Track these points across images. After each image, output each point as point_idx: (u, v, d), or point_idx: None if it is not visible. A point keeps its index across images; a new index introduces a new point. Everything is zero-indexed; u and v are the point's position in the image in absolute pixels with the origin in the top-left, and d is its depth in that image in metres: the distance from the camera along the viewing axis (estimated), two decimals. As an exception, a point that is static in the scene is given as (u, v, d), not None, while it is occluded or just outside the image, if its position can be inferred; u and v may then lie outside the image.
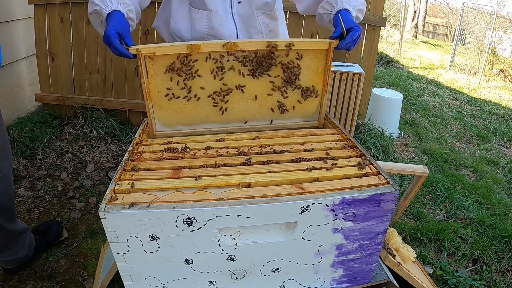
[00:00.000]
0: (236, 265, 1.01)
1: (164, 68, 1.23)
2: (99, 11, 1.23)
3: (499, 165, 3.35)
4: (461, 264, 2.04)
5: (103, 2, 1.22)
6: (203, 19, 1.49)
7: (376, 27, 3.10)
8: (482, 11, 7.97)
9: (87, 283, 1.72)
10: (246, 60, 1.26)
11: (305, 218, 0.95)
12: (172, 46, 1.21)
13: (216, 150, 1.17)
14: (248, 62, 1.27)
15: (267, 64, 1.28)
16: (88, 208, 2.26)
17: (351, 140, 1.23)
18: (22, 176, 2.47)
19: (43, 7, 2.99)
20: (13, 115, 3.03)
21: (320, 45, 1.28)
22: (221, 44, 1.22)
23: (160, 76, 1.24)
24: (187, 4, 1.50)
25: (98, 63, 3.15)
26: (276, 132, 1.33)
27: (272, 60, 1.27)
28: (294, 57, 1.28)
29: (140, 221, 0.89)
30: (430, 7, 13.72)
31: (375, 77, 5.52)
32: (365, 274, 1.13)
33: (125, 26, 1.21)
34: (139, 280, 1.00)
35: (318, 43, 1.27)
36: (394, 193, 0.97)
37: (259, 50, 1.25)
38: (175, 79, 1.25)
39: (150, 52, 1.18)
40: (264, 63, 1.28)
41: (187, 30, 1.53)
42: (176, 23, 1.54)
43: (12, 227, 1.62)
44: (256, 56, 1.26)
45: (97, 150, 2.89)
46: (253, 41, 1.26)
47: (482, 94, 6.06)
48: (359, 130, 3.32)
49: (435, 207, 2.57)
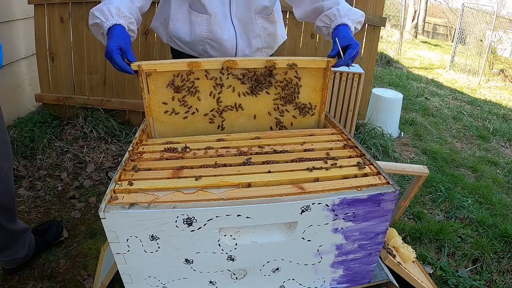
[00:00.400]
0: (236, 265, 1.01)
1: (165, 84, 1.25)
2: (100, 24, 1.22)
3: (499, 165, 3.35)
4: (461, 264, 2.04)
5: (103, 15, 1.21)
6: (202, 23, 1.49)
7: (376, 27, 3.11)
8: (482, 11, 7.97)
9: (87, 283, 1.72)
10: (245, 78, 1.28)
11: (305, 218, 0.95)
12: (173, 63, 1.23)
13: (216, 150, 1.17)
14: (247, 80, 1.29)
15: (266, 82, 1.30)
16: (88, 208, 2.26)
17: (351, 140, 1.23)
18: (22, 176, 2.47)
19: (43, 7, 2.99)
20: (13, 115, 3.03)
21: (318, 63, 1.30)
22: (221, 62, 1.24)
23: (161, 92, 1.26)
24: (186, 7, 1.49)
25: (98, 63, 3.15)
26: (276, 132, 1.33)
27: (271, 78, 1.29)
28: (293, 75, 1.30)
29: (140, 221, 0.89)
30: (430, 7, 13.72)
31: (375, 77, 5.52)
32: (365, 274, 1.13)
33: (126, 41, 1.21)
34: (139, 280, 1.00)
35: (316, 62, 1.30)
36: (394, 193, 0.97)
37: (258, 68, 1.27)
38: (175, 96, 1.27)
39: (151, 68, 1.21)
40: (263, 81, 1.30)
41: (187, 32, 1.53)
42: (175, 25, 1.54)
43: (12, 227, 1.62)
44: (255, 74, 1.28)
45: (97, 150, 2.89)
46: (253, 59, 1.27)
47: (482, 94, 6.06)
48: (359, 130, 3.32)
49: (435, 207, 2.57)
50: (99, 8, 1.22)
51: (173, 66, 1.22)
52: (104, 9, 1.21)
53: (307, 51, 3.18)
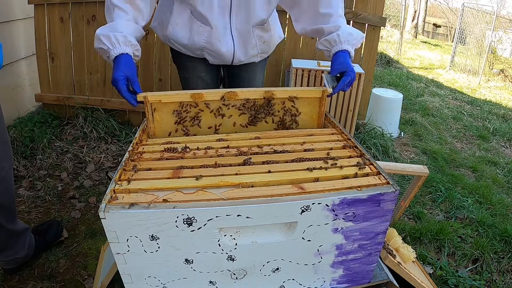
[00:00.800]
0: (236, 265, 1.01)
1: (169, 114, 1.31)
2: (106, 51, 1.24)
3: (499, 165, 3.35)
4: (461, 264, 2.04)
5: (110, 42, 1.23)
6: (203, 33, 1.51)
7: (376, 27, 3.11)
8: (482, 11, 7.97)
9: (87, 283, 1.72)
10: (245, 108, 1.34)
11: (305, 218, 0.95)
12: (177, 94, 1.29)
13: (216, 150, 1.17)
14: (247, 110, 1.34)
15: (265, 111, 1.35)
16: (88, 208, 2.26)
17: (351, 140, 1.23)
18: (22, 176, 2.47)
19: (43, 7, 2.99)
20: (13, 115, 3.03)
21: (314, 93, 1.36)
22: (222, 93, 1.30)
23: (165, 121, 1.32)
24: (188, 13, 1.49)
25: (98, 63, 3.15)
26: (276, 132, 1.33)
27: (270, 108, 1.35)
28: (290, 105, 1.36)
29: (140, 221, 0.89)
30: (430, 7, 13.72)
31: (375, 77, 5.52)
32: (365, 274, 1.13)
33: (133, 71, 1.24)
34: (139, 280, 1.00)
35: (312, 92, 1.36)
36: (394, 193, 0.97)
37: (257, 99, 1.34)
38: (179, 127, 1.34)
39: (156, 100, 1.27)
40: (262, 110, 1.35)
41: (185, 37, 1.55)
42: (174, 29, 1.55)
43: (12, 227, 1.62)
44: (255, 104, 1.34)
45: (97, 150, 2.90)
46: (252, 90, 1.33)
47: (482, 94, 6.06)
48: (359, 130, 3.32)
49: (435, 207, 2.57)
50: (105, 34, 1.23)
51: (178, 98, 1.29)
52: (111, 36, 1.22)
53: (307, 51, 3.18)
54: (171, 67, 3.14)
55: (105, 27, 1.26)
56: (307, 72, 2.83)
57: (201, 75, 1.70)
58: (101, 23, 3.01)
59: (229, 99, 1.31)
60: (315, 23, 1.44)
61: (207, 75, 1.71)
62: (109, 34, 1.22)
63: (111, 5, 1.27)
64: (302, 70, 2.82)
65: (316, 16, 1.42)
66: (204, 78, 1.71)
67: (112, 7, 1.27)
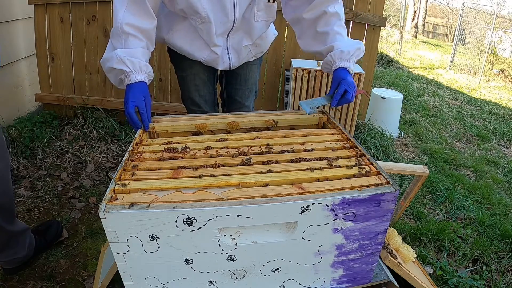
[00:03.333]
0: (236, 265, 1.01)
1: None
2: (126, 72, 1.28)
3: (499, 165, 3.35)
4: (461, 264, 2.04)
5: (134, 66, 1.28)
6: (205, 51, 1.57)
7: (376, 27, 3.10)
8: (482, 11, 7.97)
9: (87, 283, 1.72)
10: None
11: (305, 218, 0.95)
12: (182, 125, 1.37)
13: (216, 150, 1.17)
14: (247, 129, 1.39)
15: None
16: (88, 208, 2.26)
17: (351, 140, 1.23)
18: (22, 176, 2.47)
19: (43, 7, 2.99)
20: (13, 115, 3.03)
21: (311, 120, 1.45)
22: (225, 123, 1.37)
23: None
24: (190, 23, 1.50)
25: (98, 63, 3.14)
26: (276, 132, 1.33)
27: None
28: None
29: (140, 221, 0.89)
30: (430, 7, 13.72)
31: (375, 77, 5.52)
32: (365, 274, 1.13)
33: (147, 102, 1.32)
34: (139, 280, 1.00)
35: (309, 119, 1.45)
36: (394, 193, 0.97)
37: (257, 126, 1.40)
38: None
39: (163, 130, 1.36)
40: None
41: (185, 44, 1.58)
42: (174, 36, 1.58)
43: (11, 227, 1.62)
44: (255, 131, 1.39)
45: (97, 150, 2.89)
46: (253, 119, 1.40)
47: (482, 94, 6.06)
48: (359, 130, 3.32)
49: (435, 207, 2.57)
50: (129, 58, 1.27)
51: (183, 128, 1.37)
52: (135, 62, 1.27)
53: (307, 51, 3.17)
54: (171, 67, 3.14)
55: (124, 51, 1.28)
56: (307, 72, 2.83)
57: (198, 73, 1.73)
58: (101, 23, 3.04)
59: (231, 129, 1.38)
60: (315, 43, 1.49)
61: (204, 73, 1.75)
62: (132, 59, 1.27)
63: (122, 33, 1.29)
64: (302, 70, 2.82)
65: (315, 35, 1.47)
66: (201, 76, 1.75)
67: (125, 35, 1.29)
